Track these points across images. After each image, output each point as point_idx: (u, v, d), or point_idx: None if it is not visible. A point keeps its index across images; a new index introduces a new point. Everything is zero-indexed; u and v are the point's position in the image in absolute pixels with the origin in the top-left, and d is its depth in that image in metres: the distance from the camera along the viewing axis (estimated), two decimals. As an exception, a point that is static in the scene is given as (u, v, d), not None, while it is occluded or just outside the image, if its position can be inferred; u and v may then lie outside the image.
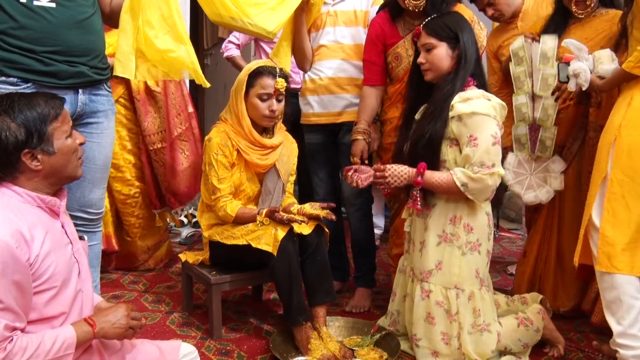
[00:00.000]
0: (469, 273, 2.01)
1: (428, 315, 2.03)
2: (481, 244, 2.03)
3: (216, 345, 2.22)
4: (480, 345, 1.99)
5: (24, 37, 1.78)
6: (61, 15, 1.83)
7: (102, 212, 2.11)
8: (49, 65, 1.82)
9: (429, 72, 2.07)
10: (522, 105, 2.39)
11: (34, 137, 1.30)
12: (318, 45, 2.57)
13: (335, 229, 2.56)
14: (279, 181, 2.35)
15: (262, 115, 2.25)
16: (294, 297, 2.11)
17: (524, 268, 2.60)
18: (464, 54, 2.01)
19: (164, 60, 2.18)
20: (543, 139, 2.37)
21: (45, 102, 1.33)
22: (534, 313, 2.13)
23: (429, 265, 2.03)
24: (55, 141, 1.33)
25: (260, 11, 2.32)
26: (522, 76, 2.37)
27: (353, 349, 2.15)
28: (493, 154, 1.93)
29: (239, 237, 2.19)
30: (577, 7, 2.39)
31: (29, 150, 1.30)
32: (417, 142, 2.03)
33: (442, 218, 2.03)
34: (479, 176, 1.91)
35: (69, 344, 1.29)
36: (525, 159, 2.45)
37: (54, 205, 1.37)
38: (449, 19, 2.08)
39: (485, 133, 1.93)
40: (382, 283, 2.91)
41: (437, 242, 2.03)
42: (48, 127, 1.32)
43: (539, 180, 2.42)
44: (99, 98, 1.98)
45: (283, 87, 2.24)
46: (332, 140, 2.66)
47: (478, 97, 1.97)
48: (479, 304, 2.01)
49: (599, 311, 2.33)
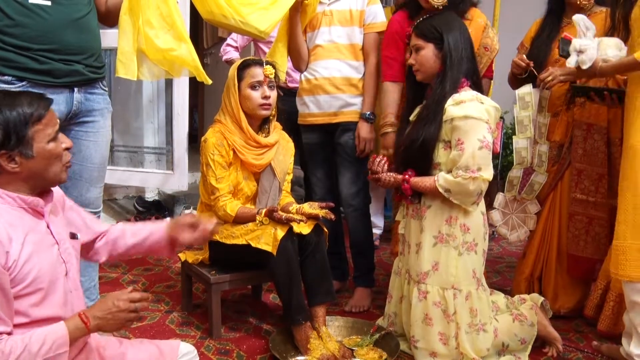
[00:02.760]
0: (466, 273, 2.00)
1: (426, 316, 2.02)
2: (477, 244, 2.02)
3: (215, 345, 2.22)
4: (476, 344, 1.99)
5: (20, 35, 1.78)
6: (57, 14, 1.82)
7: (99, 210, 2.11)
8: (44, 63, 1.82)
9: (419, 72, 2.10)
10: (522, 149, 2.46)
11: (11, 138, 1.24)
12: (314, 45, 2.57)
13: (334, 229, 2.55)
14: (275, 180, 2.35)
15: (257, 105, 2.24)
16: (293, 296, 2.11)
17: (523, 268, 2.60)
18: (448, 54, 2.02)
19: (165, 59, 2.18)
20: (532, 183, 2.46)
21: (29, 103, 1.27)
22: (527, 309, 2.15)
23: (425, 267, 2.03)
24: (35, 144, 1.27)
25: (253, 10, 2.31)
26: (526, 120, 2.43)
27: (352, 348, 2.14)
28: (479, 158, 1.92)
29: (238, 236, 2.19)
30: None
31: (6, 152, 1.25)
32: (410, 145, 2.04)
33: (438, 219, 2.02)
34: (459, 181, 1.92)
35: (60, 343, 1.23)
36: (510, 199, 2.54)
37: (36, 206, 1.31)
38: (438, 20, 2.09)
39: (473, 137, 1.92)
40: (381, 283, 2.90)
41: (433, 243, 2.03)
42: (28, 130, 1.25)
43: (519, 221, 2.53)
44: (95, 97, 1.98)
45: (272, 74, 2.25)
46: (329, 140, 2.65)
47: (471, 100, 1.97)
48: (476, 304, 2.01)
49: (605, 318, 2.33)
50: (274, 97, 2.28)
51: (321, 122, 2.60)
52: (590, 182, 2.40)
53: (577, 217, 2.44)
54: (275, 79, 2.29)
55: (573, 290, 2.51)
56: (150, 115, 4.28)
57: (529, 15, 3.40)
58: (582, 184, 2.41)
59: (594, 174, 2.39)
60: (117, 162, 4.17)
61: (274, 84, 2.29)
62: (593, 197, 2.40)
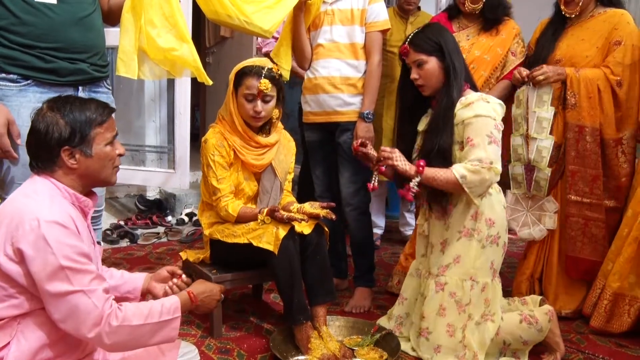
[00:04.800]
0: (485, 265, 2.06)
1: (440, 307, 2.06)
2: (500, 237, 2.08)
3: (216, 344, 2.22)
4: (482, 333, 2.02)
5: (25, 34, 1.78)
6: (62, 12, 1.83)
7: (101, 209, 2.12)
8: (50, 62, 1.82)
9: (425, 87, 2.10)
10: (517, 147, 2.49)
11: (76, 136, 1.38)
12: (316, 44, 2.58)
13: (333, 228, 2.56)
14: (276, 180, 2.35)
15: (249, 116, 2.24)
16: (294, 296, 2.11)
17: (524, 269, 2.60)
18: (451, 63, 2.04)
19: (166, 59, 2.18)
20: (537, 179, 2.46)
21: (95, 108, 1.42)
22: (542, 313, 2.11)
23: (447, 260, 2.07)
24: (94, 145, 1.41)
25: (257, 9, 2.32)
26: (520, 118, 2.47)
27: (353, 348, 2.14)
28: (490, 152, 1.96)
29: (239, 235, 2.19)
30: (566, 7, 2.42)
31: (69, 148, 1.38)
32: (427, 155, 2.05)
33: (464, 215, 2.06)
34: (477, 168, 1.95)
35: (176, 307, 1.42)
36: (522, 196, 2.54)
37: (86, 206, 1.44)
38: (431, 31, 2.12)
39: (482, 134, 1.97)
40: (382, 283, 2.91)
41: (457, 237, 2.07)
42: (91, 131, 1.40)
43: (534, 218, 2.53)
44: (99, 95, 1.98)
45: (267, 89, 2.18)
46: (329, 139, 2.66)
47: (478, 100, 2.03)
48: (490, 294, 2.06)
49: (598, 315, 2.34)
50: (268, 109, 2.25)
51: (321, 121, 2.61)
52: (584, 183, 2.40)
53: (572, 218, 2.44)
54: (277, 80, 2.25)
55: (574, 291, 2.51)
56: (152, 114, 4.29)
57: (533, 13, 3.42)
58: (576, 186, 2.42)
59: (587, 176, 2.39)
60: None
61: (272, 96, 2.25)
62: (588, 199, 2.40)
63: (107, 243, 3.47)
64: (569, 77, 2.36)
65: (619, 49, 2.34)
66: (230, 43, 5.43)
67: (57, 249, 1.26)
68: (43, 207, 1.30)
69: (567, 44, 2.43)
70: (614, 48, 2.36)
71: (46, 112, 1.38)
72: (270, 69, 2.22)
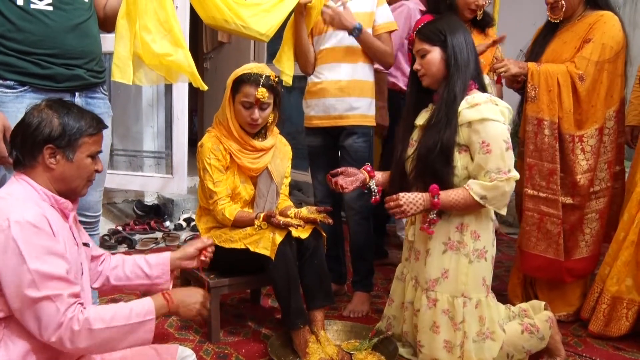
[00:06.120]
0: (476, 281, 1.98)
1: (434, 324, 1.99)
2: (487, 251, 1.99)
3: (214, 349, 2.22)
4: (482, 352, 1.97)
5: (22, 40, 1.79)
6: (58, 19, 1.83)
7: (99, 214, 2.12)
8: (46, 68, 1.83)
9: (425, 77, 2.04)
10: None
11: (65, 138, 1.39)
12: (320, 48, 2.58)
13: (333, 232, 2.56)
14: (272, 184, 2.35)
15: (245, 122, 2.24)
16: (292, 301, 2.11)
17: (518, 273, 2.60)
18: (454, 56, 1.97)
19: (161, 65, 2.19)
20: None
21: (90, 120, 1.45)
22: (542, 320, 2.08)
23: (435, 274, 2.00)
24: (78, 152, 1.41)
25: (254, 13, 2.33)
26: None
27: (351, 352, 2.15)
28: (508, 159, 1.90)
29: (236, 240, 2.19)
30: (551, 12, 2.43)
31: (53, 147, 1.38)
32: (427, 152, 1.96)
33: (449, 226, 1.98)
34: (496, 184, 1.88)
35: (148, 309, 1.38)
36: None
37: (65, 208, 1.43)
38: (441, 22, 2.04)
39: (498, 139, 1.89)
40: (380, 287, 2.91)
41: (442, 250, 1.99)
42: (80, 139, 1.41)
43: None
44: (96, 101, 1.99)
45: (264, 97, 2.17)
46: (333, 144, 2.66)
47: (486, 102, 1.92)
48: (485, 312, 1.98)
49: (596, 319, 2.33)
50: (265, 117, 2.25)
51: (326, 125, 2.61)
52: (541, 177, 2.37)
53: (528, 212, 2.42)
54: (275, 88, 2.24)
55: (567, 294, 2.51)
56: (149, 120, 4.29)
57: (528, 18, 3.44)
58: (533, 179, 2.39)
59: (544, 170, 2.36)
60: (117, 166, 4.17)
61: (269, 104, 2.25)
62: (544, 193, 2.37)
63: (105, 248, 3.46)
64: (529, 70, 2.34)
65: (588, 45, 2.32)
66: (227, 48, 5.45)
67: (25, 250, 1.26)
68: (15, 208, 1.30)
69: (553, 48, 2.43)
70: (584, 45, 2.34)
71: (44, 109, 1.40)
72: (268, 77, 2.20)
